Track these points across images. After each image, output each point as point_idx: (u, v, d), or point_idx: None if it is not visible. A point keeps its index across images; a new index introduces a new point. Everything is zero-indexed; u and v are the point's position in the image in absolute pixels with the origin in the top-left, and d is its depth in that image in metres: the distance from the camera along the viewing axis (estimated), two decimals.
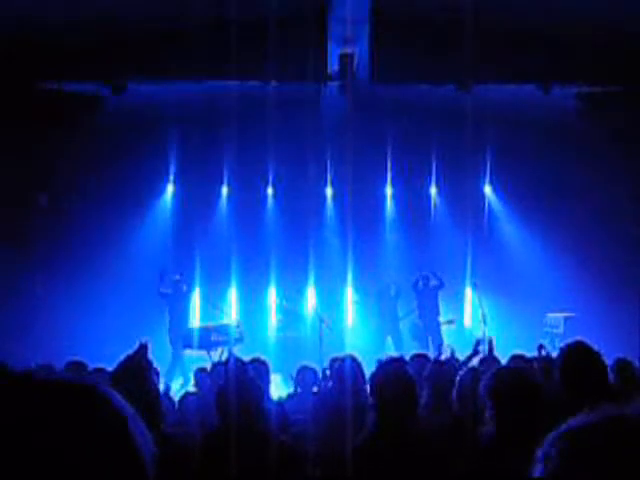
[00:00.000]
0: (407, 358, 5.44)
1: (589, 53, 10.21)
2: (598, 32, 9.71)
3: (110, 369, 3.53)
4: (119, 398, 0.96)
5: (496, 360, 5.19)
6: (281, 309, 12.92)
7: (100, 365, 5.60)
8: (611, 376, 4.43)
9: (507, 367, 2.65)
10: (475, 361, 5.63)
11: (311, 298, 12.83)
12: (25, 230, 10.94)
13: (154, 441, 0.97)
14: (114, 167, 11.70)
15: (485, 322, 10.48)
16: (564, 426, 1.01)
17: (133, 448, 0.92)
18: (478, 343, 5.98)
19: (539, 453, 1.00)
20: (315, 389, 5.87)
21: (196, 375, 6.24)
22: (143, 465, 0.93)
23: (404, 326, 12.32)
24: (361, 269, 12.66)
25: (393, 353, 11.20)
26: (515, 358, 5.37)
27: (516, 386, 2.48)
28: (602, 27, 9.54)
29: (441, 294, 12.17)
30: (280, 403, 5.27)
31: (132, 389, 2.83)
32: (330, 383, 5.43)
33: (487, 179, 13.23)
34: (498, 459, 2.34)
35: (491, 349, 5.83)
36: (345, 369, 4.62)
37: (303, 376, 6.04)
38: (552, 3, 9.43)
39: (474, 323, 12.25)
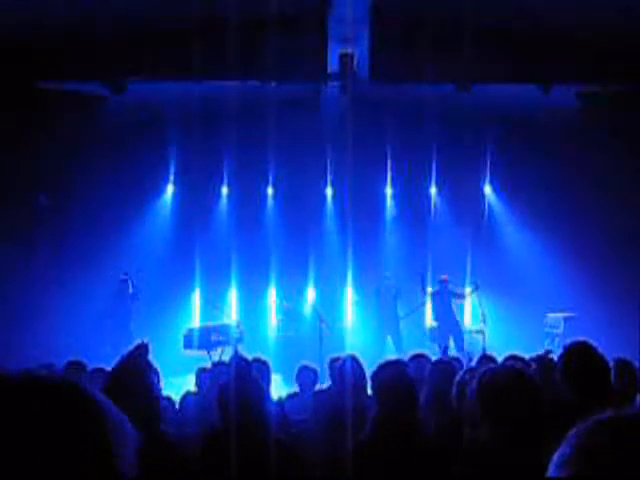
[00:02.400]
0: (407, 358, 5.44)
1: (589, 53, 10.21)
2: (598, 32, 9.71)
3: (109, 369, 3.52)
4: (101, 396, 0.97)
5: (493, 361, 5.17)
6: (281, 309, 12.92)
7: (99, 365, 5.60)
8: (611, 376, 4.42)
9: (491, 368, 2.63)
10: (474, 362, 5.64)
11: (311, 298, 12.83)
12: (25, 230, 10.94)
13: (152, 441, 0.98)
14: (114, 167, 11.70)
15: (485, 322, 10.48)
16: (589, 424, 0.94)
17: (109, 443, 0.93)
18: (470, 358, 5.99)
19: (557, 455, 0.95)
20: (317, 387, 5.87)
21: (197, 375, 6.23)
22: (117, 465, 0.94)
23: (404, 326, 12.30)
24: (361, 269, 12.66)
25: (394, 353, 11.22)
26: (510, 359, 5.35)
27: (501, 386, 2.46)
28: (602, 27, 9.54)
29: None
30: (280, 403, 5.26)
31: (131, 389, 2.83)
32: (330, 383, 5.43)
33: (487, 179, 13.22)
34: (497, 459, 2.34)
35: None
36: (345, 369, 4.61)
37: (303, 376, 6.03)
38: (552, 3, 9.43)
39: (474, 323, 12.25)
